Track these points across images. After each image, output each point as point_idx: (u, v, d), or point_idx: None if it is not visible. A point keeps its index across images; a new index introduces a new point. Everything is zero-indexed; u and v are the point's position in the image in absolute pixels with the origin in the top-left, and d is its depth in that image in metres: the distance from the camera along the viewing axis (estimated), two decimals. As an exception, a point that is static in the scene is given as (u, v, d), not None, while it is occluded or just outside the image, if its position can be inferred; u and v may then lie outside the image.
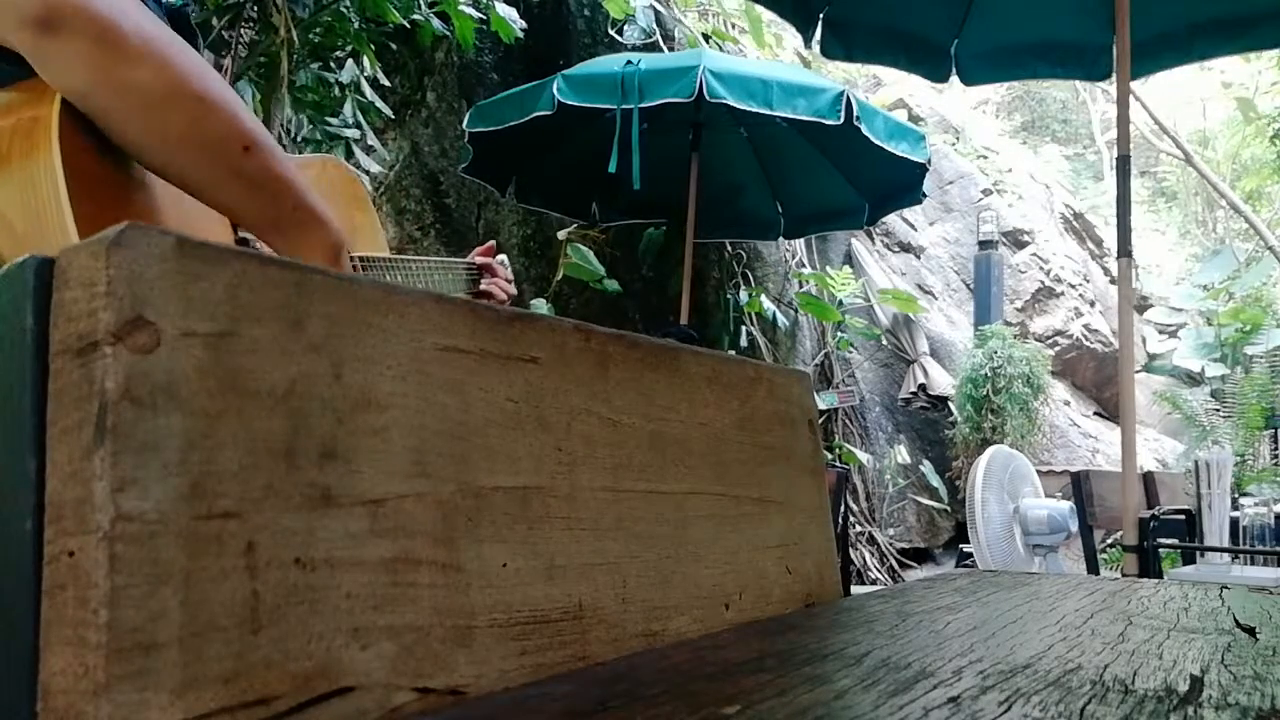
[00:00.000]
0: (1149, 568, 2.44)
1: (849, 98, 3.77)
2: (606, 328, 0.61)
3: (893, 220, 8.10)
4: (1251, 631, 0.65)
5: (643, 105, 3.71)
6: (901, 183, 4.59)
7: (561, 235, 4.98)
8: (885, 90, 9.44)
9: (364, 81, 3.53)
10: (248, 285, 0.41)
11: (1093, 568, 2.89)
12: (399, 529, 0.45)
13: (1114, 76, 3.02)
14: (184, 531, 0.37)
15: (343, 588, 0.42)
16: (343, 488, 0.43)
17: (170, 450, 0.37)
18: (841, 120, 3.73)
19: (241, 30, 3.33)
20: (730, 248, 6.20)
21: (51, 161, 0.72)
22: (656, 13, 5.75)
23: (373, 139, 3.67)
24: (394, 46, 4.03)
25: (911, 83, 8.55)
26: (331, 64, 3.53)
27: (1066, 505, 3.83)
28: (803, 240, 6.91)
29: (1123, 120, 2.78)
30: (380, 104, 3.64)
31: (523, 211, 5.09)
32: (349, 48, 3.52)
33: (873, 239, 8.08)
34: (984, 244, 8.24)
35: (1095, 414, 8.61)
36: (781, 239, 6.02)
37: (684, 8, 6.33)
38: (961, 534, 6.32)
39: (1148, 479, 3.03)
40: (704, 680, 0.48)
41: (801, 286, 6.77)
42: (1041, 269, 8.66)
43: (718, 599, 0.67)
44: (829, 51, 3.78)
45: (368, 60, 3.55)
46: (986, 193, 8.79)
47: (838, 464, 5.81)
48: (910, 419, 7.42)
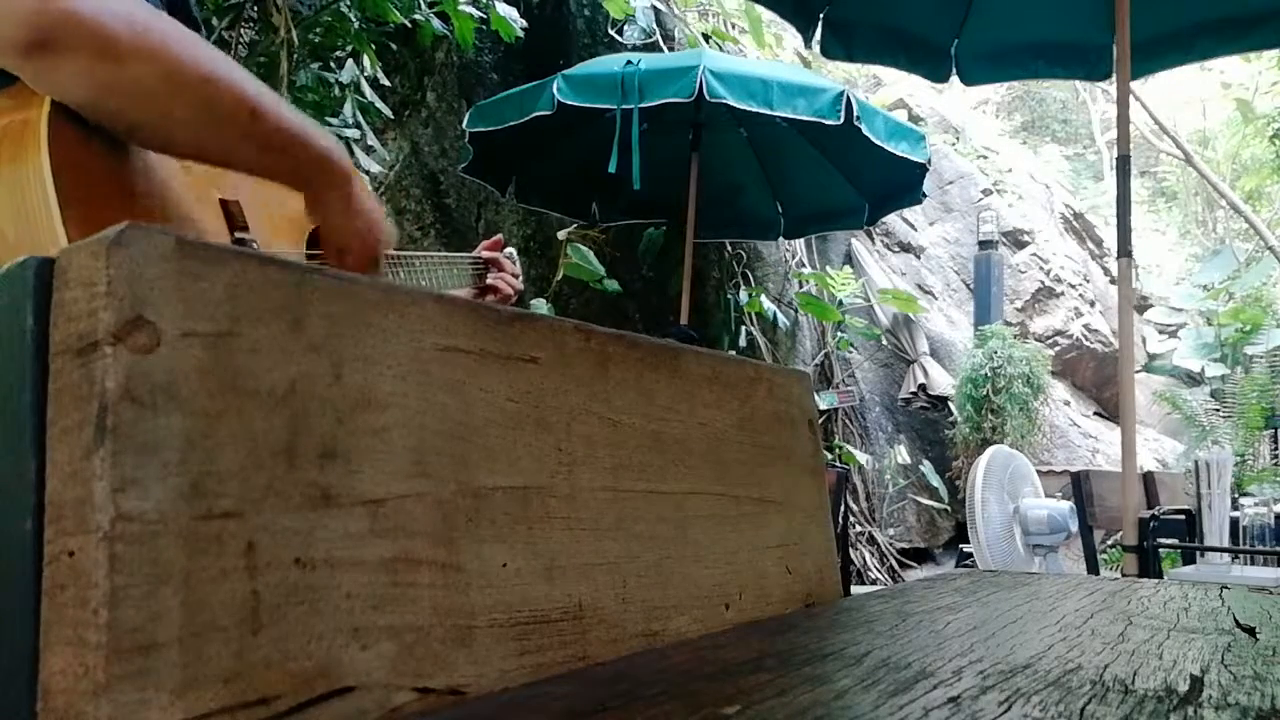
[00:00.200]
0: (1149, 568, 2.44)
1: (849, 98, 3.76)
2: (606, 328, 0.61)
3: (893, 220, 8.10)
4: (1251, 631, 0.65)
5: (643, 105, 3.71)
6: (901, 183, 4.58)
7: (561, 235, 4.98)
8: (885, 90, 9.44)
9: (364, 81, 3.53)
10: (248, 285, 0.41)
11: (1093, 568, 2.89)
12: (399, 529, 0.45)
13: (1114, 76, 3.02)
14: (184, 531, 0.37)
15: (343, 588, 0.42)
16: (343, 488, 0.43)
17: (170, 450, 0.37)
18: (841, 120, 3.73)
19: (241, 30, 3.33)
20: (730, 248, 6.20)
21: (40, 166, 0.71)
22: (656, 13, 5.75)
23: (373, 139, 3.67)
24: (394, 46, 4.03)
25: (911, 83, 8.55)
26: (331, 64, 3.53)
27: (1066, 505, 3.82)
28: (803, 240, 6.91)
29: (1123, 120, 2.78)
30: (380, 104, 3.63)
31: (523, 211, 5.08)
32: (349, 48, 3.52)
33: (873, 239, 8.08)
34: (984, 244, 8.23)
35: (1095, 414, 8.61)
36: (781, 239, 6.02)
37: (684, 8, 6.32)
38: (961, 534, 6.32)
39: (1148, 479, 3.03)
40: (704, 680, 0.48)
41: (801, 286, 6.77)
42: (1041, 269, 8.66)
43: (718, 599, 0.67)
44: (829, 51, 3.78)
45: (368, 60, 3.55)
46: (986, 193, 8.78)
47: (838, 464, 5.81)
48: (910, 419, 7.42)
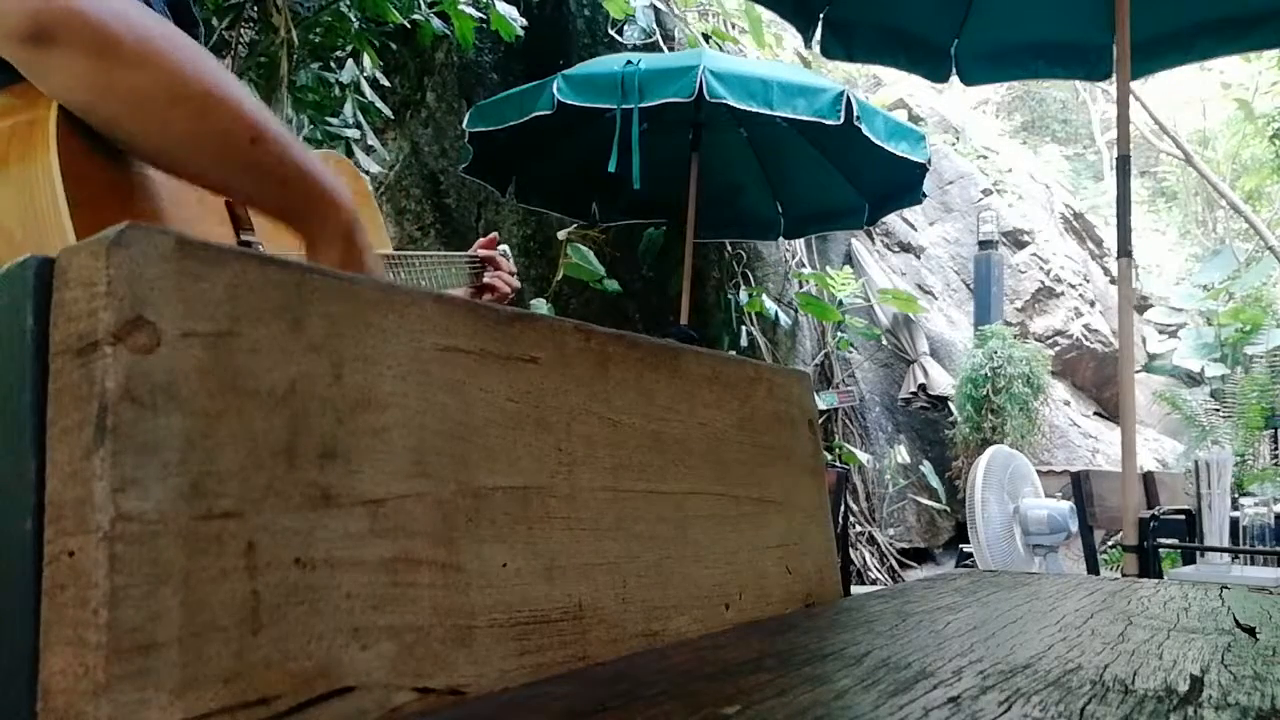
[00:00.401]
0: (1149, 568, 2.44)
1: (849, 98, 3.76)
2: (606, 328, 0.61)
3: (893, 220, 8.10)
4: (1251, 631, 0.65)
5: (643, 105, 3.71)
6: (901, 183, 4.58)
7: (561, 235, 4.98)
8: (885, 90, 9.44)
9: (364, 81, 3.53)
10: (248, 285, 0.41)
11: (1093, 568, 2.89)
12: (399, 529, 0.45)
13: (1114, 76, 3.02)
14: (184, 531, 0.37)
15: (343, 588, 0.42)
16: (343, 488, 0.43)
17: (170, 450, 0.37)
18: (842, 120, 3.73)
19: (241, 30, 3.33)
20: (730, 248, 6.20)
21: (50, 167, 0.71)
22: (656, 13, 5.75)
23: (373, 139, 3.67)
24: (394, 46, 4.03)
25: (911, 83, 8.55)
26: (331, 64, 3.53)
27: (1066, 505, 3.82)
28: (803, 240, 6.91)
29: (1123, 120, 2.78)
30: (380, 104, 3.63)
31: (523, 211, 5.09)
32: (349, 48, 3.52)
33: (873, 239, 8.08)
34: (984, 244, 8.24)
35: (1095, 414, 8.61)
36: (781, 239, 6.02)
37: (684, 8, 6.33)
38: (961, 534, 6.32)
39: (1148, 479, 3.03)
40: (704, 680, 0.48)
41: (801, 286, 6.77)
42: (1041, 269, 8.67)
43: (718, 599, 0.67)
44: (829, 51, 3.78)
45: (368, 59, 3.55)
46: (986, 193, 8.79)
47: (838, 464, 5.81)
48: (910, 419, 7.42)
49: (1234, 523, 2.39)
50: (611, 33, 5.54)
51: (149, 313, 0.37)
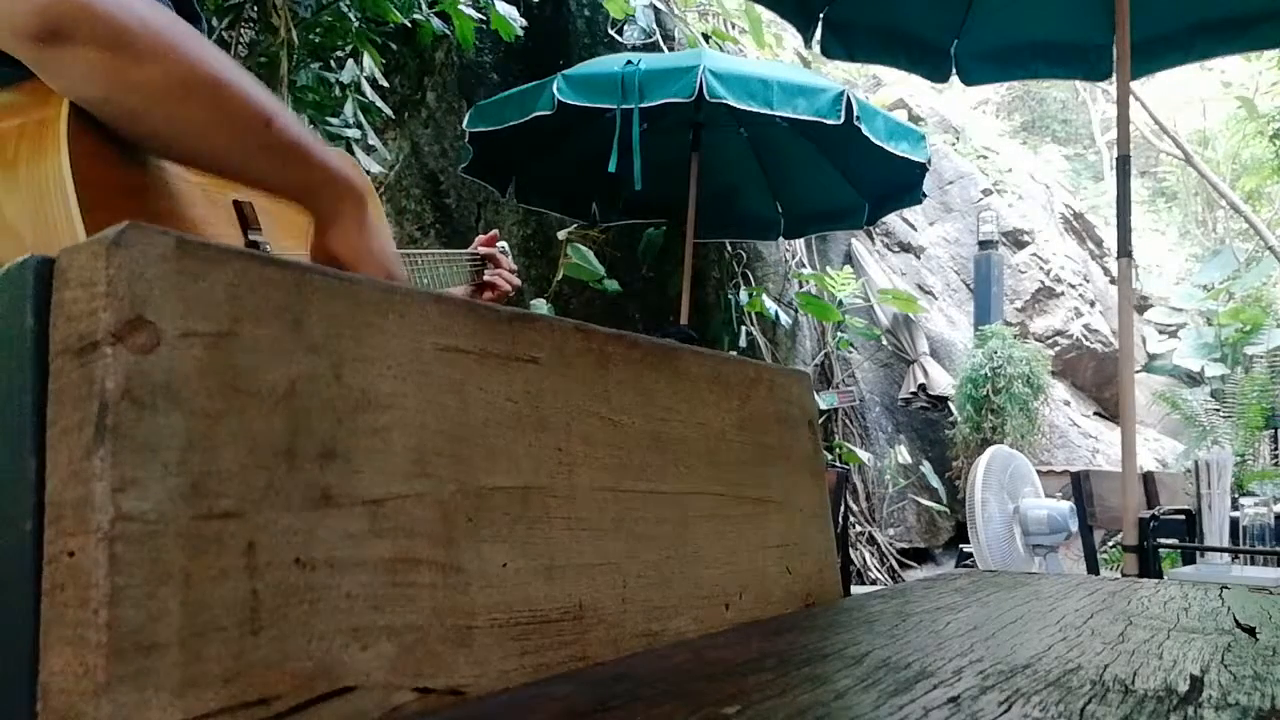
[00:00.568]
0: (1149, 568, 2.44)
1: (849, 98, 3.76)
2: (606, 328, 0.61)
3: (893, 220, 8.10)
4: (1251, 631, 0.65)
5: (643, 105, 3.71)
6: (901, 183, 4.58)
7: (561, 235, 4.98)
8: (885, 90, 9.44)
9: (364, 81, 3.53)
10: (248, 285, 0.41)
11: (1093, 568, 2.89)
12: (399, 529, 0.45)
13: (1114, 76, 3.02)
14: (184, 531, 0.37)
15: (343, 588, 0.42)
16: (343, 488, 0.43)
17: (170, 450, 0.37)
18: (842, 120, 3.73)
19: (241, 30, 3.33)
20: (730, 248, 6.20)
21: (60, 169, 0.70)
22: (656, 13, 5.75)
23: (373, 139, 3.67)
24: (394, 46, 4.03)
25: (911, 83, 8.54)
26: (332, 64, 3.53)
27: (1066, 505, 3.82)
28: (803, 240, 6.91)
29: (1123, 120, 2.78)
30: (381, 104, 3.63)
31: (523, 211, 5.08)
32: (349, 48, 3.52)
33: (873, 239, 8.08)
34: (984, 244, 8.24)
35: (1095, 414, 8.61)
36: (781, 239, 6.02)
37: (684, 8, 6.33)
38: (961, 534, 6.32)
39: (1148, 479, 3.03)
40: (704, 680, 0.48)
41: (801, 286, 6.77)
42: (1041, 269, 8.66)
43: (718, 599, 0.67)
44: (829, 51, 3.78)
45: (369, 59, 3.55)
46: (986, 193, 8.79)
47: (838, 464, 5.81)
48: (910, 419, 7.42)
49: (1234, 523, 2.39)
50: (611, 33, 5.54)
51: (149, 313, 0.37)
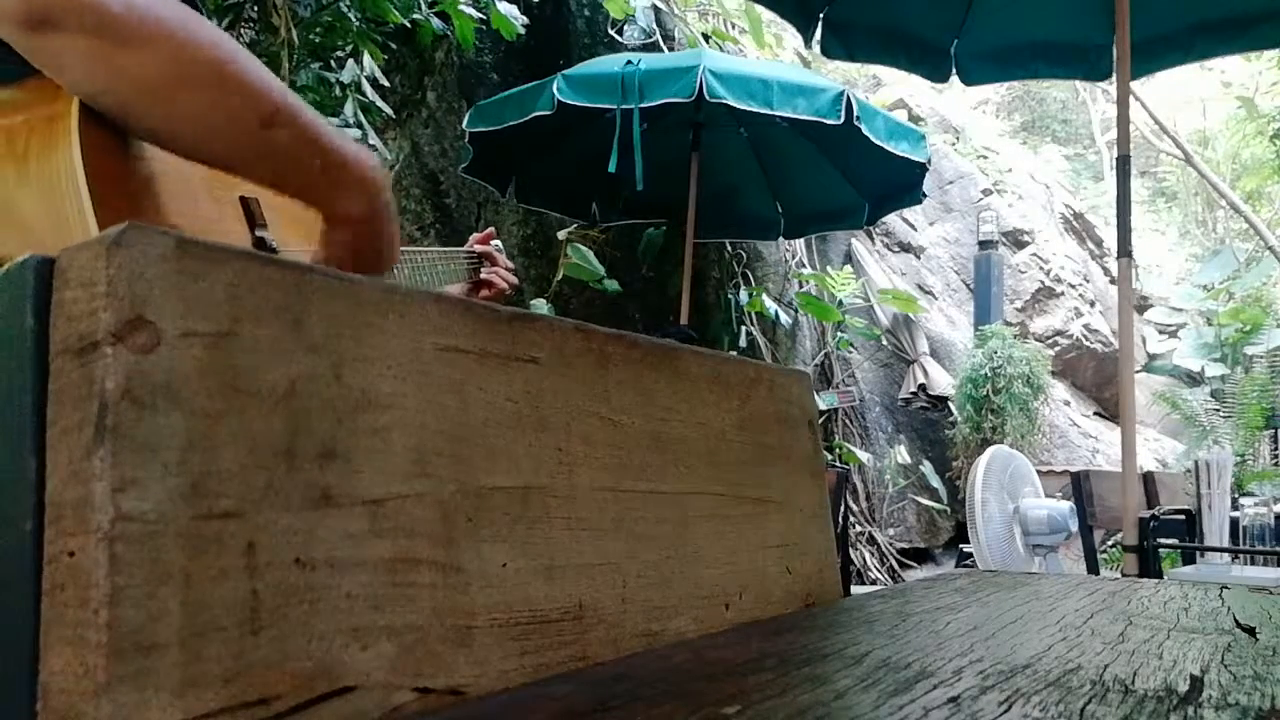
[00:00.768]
0: (1149, 568, 2.44)
1: (849, 98, 3.76)
2: (606, 328, 0.61)
3: (893, 220, 8.10)
4: (1251, 631, 0.65)
5: (643, 105, 3.71)
6: (901, 183, 4.58)
7: (561, 235, 4.98)
8: (885, 90, 9.44)
9: (364, 81, 3.53)
10: (248, 285, 0.41)
11: (1093, 568, 2.89)
12: (399, 529, 0.45)
13: (1114, 76, 3.02)
14: (184, 531, 0.37)
15: (343, 588, 0.42)
16: (343, 488, 0.43)
17: (170, 450, 0.37)
18: (842, 120, 3.73)
19: (241, 30, 3.33)
20: (730, 248, 6.20)
21: (73, 164, 0.69)
22: (656, 12, 5.75)
23: (374, 139, 3.67)
24: (394, 46, 4.03)
25: (911, 83, 8.55)
26: (332, 64, 3.53)
27: (1066, 505, 3.82)
28: (803, 240, 6.91)
29: (1123, 120, 2.78)
30: (381, 104, 3.63)
31: (523, 211, 5.08)
32: (349, 47, 3.52)
33: (873, 239, 8.08)
34: (984, 244, 8.24)
35: (1095, 414, 8.61)
36: (781, 239, 6.02)
37: (684, 8, 6.32)
38: (961, 534, 6.32)
39: (1148, 479, 3.03)
40: (704, 680, 0.48)
41: (801, 286, 6.77)
42: (1041, 269, 8.67)
43: (718, 599, 0.67)
44: (829, 51, 3.78)
45: (369, 59, 3.54)
46: (986, 193, 8.79)
47: (838, 464, 5.81)
48: (910, 419, 7.42)
49: (1234, 523, 2.39)
50: (611, 33, 5.54)
51: (149, 313, 0.37)
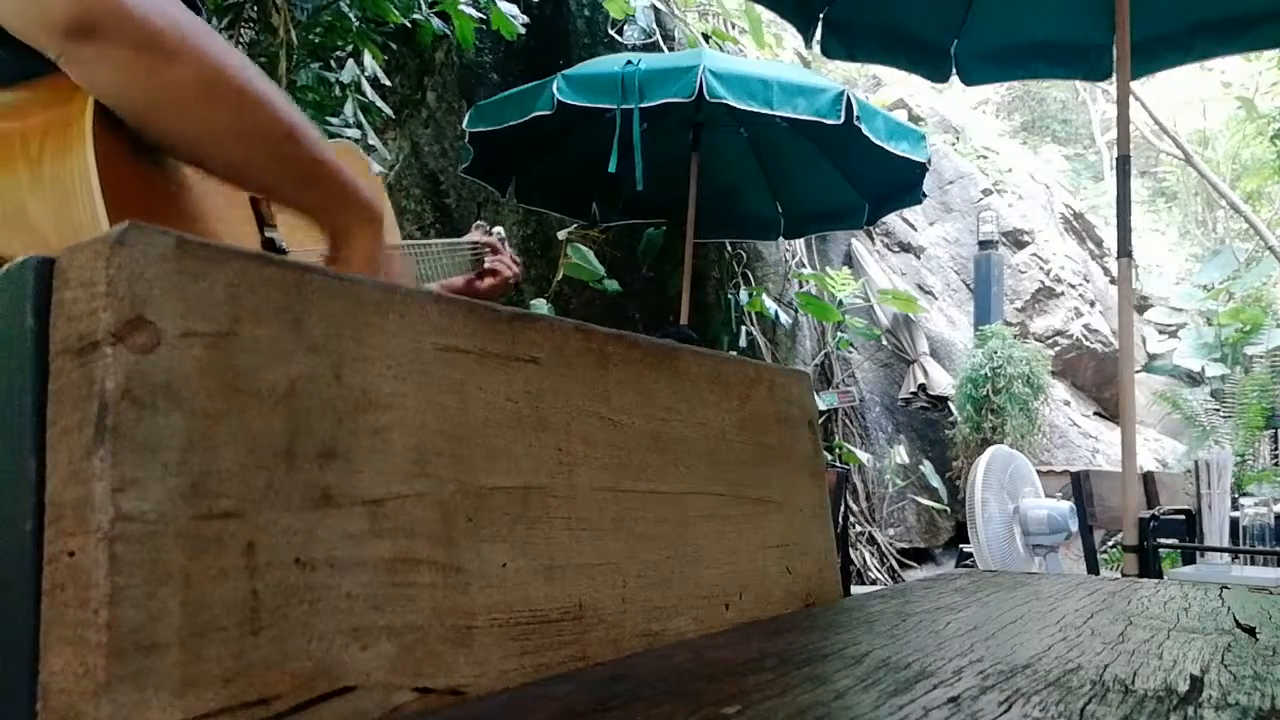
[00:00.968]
0: (1149, 568, 2.44)
1: (849, 98, 3.76)
2: (606, 328, 0.61)
3: (893, 220, 8.10)
4: (1251, 631, 0.65)
5: (643, 105, 3.70)
6: (901, 183, 4.58)
7: (561, 235, 4.98)
8: (885, 90, 9.44)
9: (364, 81, 3.53)
10: (248, 285, 0.41)
11: (1093, 568, 2.89)
12: (399, 529, 0.45)
13: (1114, 76, 3.02)
14: (184, 531, 0.37)
15: (343, 588, 0.42)
16: (343, 488, 0.43)
17: (170, 450, 0.37)
18: (842, 120, 3.73)
19: (241, 30, 3.33)
20: (730, 248, 6.20)
21: (86, 167, 0.69)
22: (656, 12, 5.75)
23: (374, 139, 3.67)
24: (394, 46, 4.03)
25: (911, 83, 8.55)
26: (332, 64, 3.53)
27: (1066, 505, 3.82)
28: (803, 240, 6.91)
29: (1123, 120, 2.78)
30: (381, 104, 3.63)
31: (523, 211, 5.08)
32: (349, 48, 3.52)
33: (873, 239, 8.08)
34: (984, 244, 8.24)
35: (1095, 414, 8.61)
36: (781, 239, 6.02)
37: (684, 8, 6.32)
38: (961, 534, 6.32)
39: (1148, 479, 3.03)
40: (704, 680, 0.48)
41: (801, 286, 6.77)
42: (1041, 269, 8.67)
43: (718, 599, 0.67)
44: (830, 51, 3.78)
45: (370, 58, 3.54)
46: (986, 193, 8.79)
47: (838, 464, 5.81)
48: (910, 419, 7.42)
49: (1234, 523, 2.39)
50: (611, 33, 5.54)
51: (149, 313, 0.37)
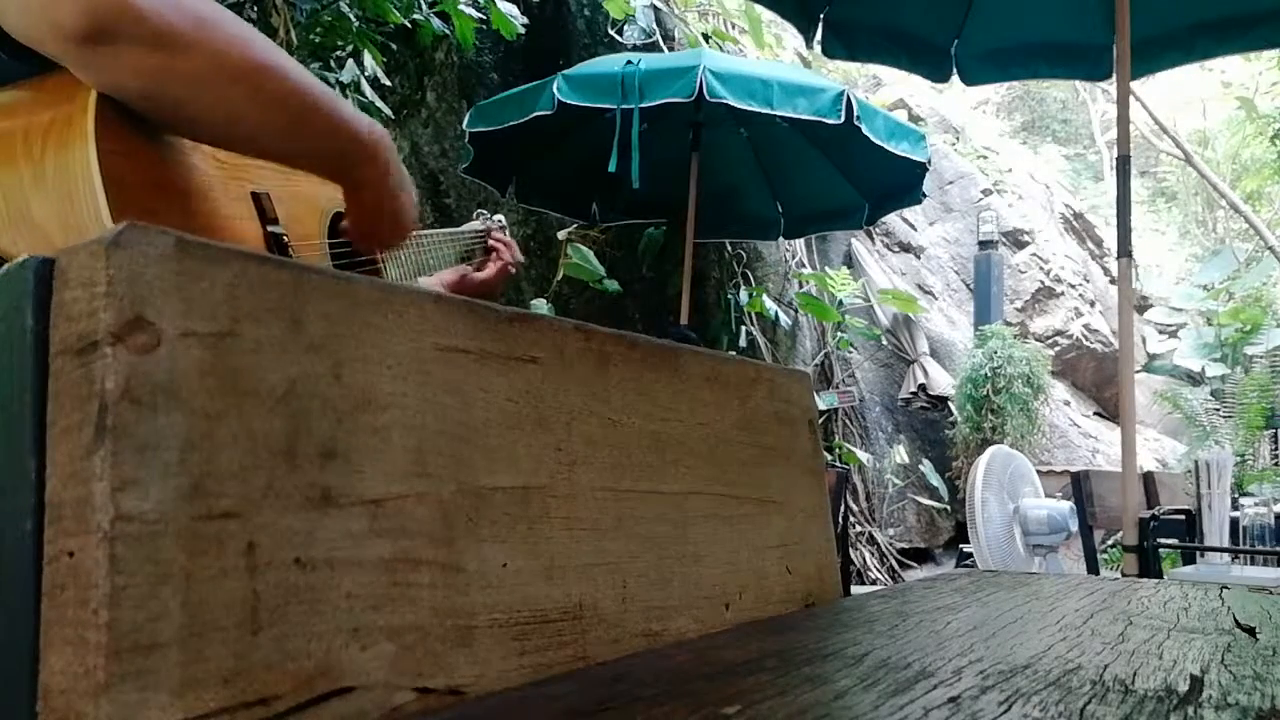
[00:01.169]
0: (1149, 568, 2.44)
1: (849, 97, 3.76)
2: (606, 328, 0.61)
3: (893, 220, 8.10)
4: (1251, 631, 0.65)
5: (643, 105, 3.70)
6: (901, 183, 4.58)
7: (561, 235, 4.98)
8: (885, 90, 9.44)
9: (364, 81, 3.53)
10: (247, 285, 0.41)
11: (1093, 568, 2.89)
12: (399, 529, 0.45)
13: (1114, 76, 3.02)
14: (184, 531, 0.37)
15: (343, 588, 0.42)
16: (343, 488, 0.43)
17: (170, 450, 0.37)
18: (842, 120, 3.73)
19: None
20: (730, 248, 6.20)
21: (89, 165, 0.69)
22: (656, 12, 5.75)
23: (373, 139, 3.66)
24: (394, 46, 4.02)
25: (911, 83, 8.55)
26: (332, 64, 3.52)
27: (1066, 505, 3.82)
28: (803, 240, 6.91)
29: (1123, 120, 2.78)
30: (381, 104, 3.63)
31: (523, 211, 5.08)
32: (349, 48, 3.52)
33: (873, 239, 8.08)
34: (984, 244, 8.24)
35: (1095, 414, 8.61)
36: (781, 239, 6.02)
37: (684, 8, 6.32)
38: (961, 534, 6.32)
39: (1148, 479, 3.03)
40: (704, 680, 0.48)
41: (801, 286, 6.77)
42: (1041, 269, 8.67)
43: (718, 599, 0.67)
44: (830, 51, 3.78)
45: (370, 58, 3.54)
46: (986, 193, 8.79)
47: (838, 464, 5.81)
48: (910, 419, 7.42)
49: (1234, 523, 2.39)
50: (611, 33, 5.54)
51: (149, 313, 0.37)
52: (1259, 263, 10.97)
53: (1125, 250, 2.63)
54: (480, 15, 3.97)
